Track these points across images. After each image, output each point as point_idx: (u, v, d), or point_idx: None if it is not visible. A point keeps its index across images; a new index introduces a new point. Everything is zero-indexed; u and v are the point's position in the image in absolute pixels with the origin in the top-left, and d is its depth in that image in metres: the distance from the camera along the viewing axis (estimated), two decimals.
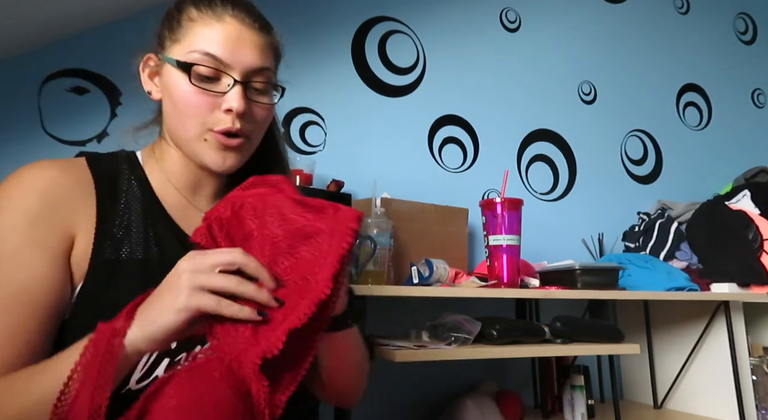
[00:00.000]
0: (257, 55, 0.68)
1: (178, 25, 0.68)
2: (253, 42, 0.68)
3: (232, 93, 0.65)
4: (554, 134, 2.13)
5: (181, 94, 0.65)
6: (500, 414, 1.49)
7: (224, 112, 0.66)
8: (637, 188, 2.28)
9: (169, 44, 0.68)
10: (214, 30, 0.65)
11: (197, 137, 0.67)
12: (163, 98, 0.69)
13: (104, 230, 0.63)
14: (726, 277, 1.76)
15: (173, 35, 0.68)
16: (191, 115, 0.66)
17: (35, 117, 1.35)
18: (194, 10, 0.67)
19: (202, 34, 0.65)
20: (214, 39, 0.65)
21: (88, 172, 0.67)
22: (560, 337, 1.37)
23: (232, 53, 0.65)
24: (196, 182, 0.73)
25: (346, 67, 1.79)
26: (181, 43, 0.66)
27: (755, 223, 1.89)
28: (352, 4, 1.82)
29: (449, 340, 1.23)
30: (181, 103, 0.66)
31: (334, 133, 1.73)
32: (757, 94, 2.71)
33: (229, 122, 0.66)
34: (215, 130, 0.66)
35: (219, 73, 0.65)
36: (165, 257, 0.65)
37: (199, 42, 0.65)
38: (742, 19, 2.75)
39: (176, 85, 0.66)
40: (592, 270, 1.50)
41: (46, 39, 1.36)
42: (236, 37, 0.66)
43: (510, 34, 2.11)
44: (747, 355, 1.69)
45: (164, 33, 0.69)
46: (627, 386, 1.98)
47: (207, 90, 0.65)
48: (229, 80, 0.66)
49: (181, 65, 0.65)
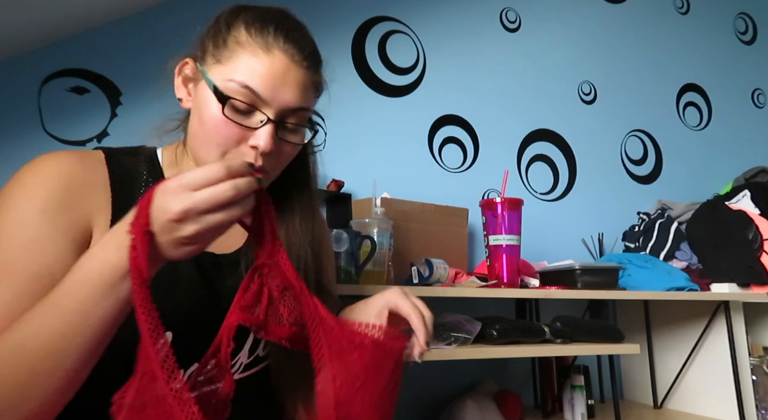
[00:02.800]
0: (298, 95, 0.64)
1: (224, 44, 0.64)
2: (297, 80, 0.64)
3: (262, 131, 0.62)
4: (554, 134, 2.13)
5: (211, 119, 0.62)
6: (500, 414, 1.50)
7: (250, 147, 0.63)
8: (637, 188, 2.28)
9: (211, 61, 0.65)
10: (260, 62, 0.62)
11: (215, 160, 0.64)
12: (192, 111, 0.67)
13: None
14: (726, 277, 1.76)
15: (217, 53, 0.64)
16: (216, 143, 0.63)
17: (35, 117, 1.35)
18: (244, 33, 0.64)
19: (246, 64, 0.62)
20: (257, 71, 0.62)
21: (105, 167, 0.66)
22: (560, 337, 1.37)
23: (273, 90, 0.62)
24: None
25: (346, 66, 1.79)
26: (223, 66, 0.63)
27: (755, 223, 1.89)
28: (352, 4, 1.82)
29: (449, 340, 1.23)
30: (208, 128, 0.63)
31: (334, 133, 1.73)
32: (757, 94, 2.71)
33: (252, 158, 0.63)
34: None
35: (254, 108, 0.62)
36: (174, 266, 0.64)
37: (241, 71, 0.62)
38: (742, 19, 2.75)
39: (208, 108, 0.63)
40: (592, 270, 1.50)
41: (46, 39, 1.36)
42: (281, 74, 0.63)
43: (510, 34, 2.11)
44: (747, 355, 1.69)
45: (208, 45, 0.66)
46: (627, 386, 1.99)
47: (238, 123, 0.62)
48: (263, 117, 0.62)
49: (217, 94, 0.62)
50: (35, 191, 0.59)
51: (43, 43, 1.36)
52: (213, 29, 0.66)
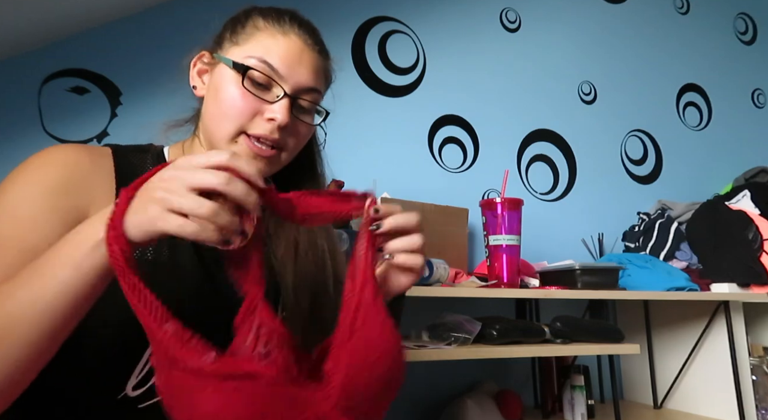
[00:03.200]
0: (312, 75, 0.68)
1: (242, 29, 0.68)
2: (311, 62, 0.68)
3: (279, 104, 0.65)
4: (554, 134, 2.13)
5: (229, 93, 0.65)
6: (500, 414, 1.50)
7: (266, 120, 0.65)
8: (637, 188, 2.28)
9: (228, 46, 0.68)
10: (277, 42, 0.67)
11: (228, 139, 0.66)
12: (207, 96, 0.69)
13: None
14: (726, 277, 1.76)
15: (235, 38, 0.68)
16: (232, 116, 0.65)
17: (35, 117, 1.35)
18: (261, 20, 0.68)
19: (264, 43, 0.66)
20: (274, 50, 0.66)
21: (111, 164, 0.67)
22: (560, 337, 1.37)
23: (290, 67, 0.66)
24: None
25: (346, 66, 1.79)
26: (240, 47, 0.67)
27: (755, 223, 1.89)
28: (352, 4, 1.82)
29: (449, 340, 1.23)
30: (226, 103, 0.65)
31: (334, 133, 1.73)
32: (757, 94, 2.71)
33: (267, 130, 0.65)
34: (249, 134, 0.65)
35: (271, 83, 0.66)
36: (175, 261, 0.65)
37: (260, 50, 0.66)
38: (742, 19, 2.75)
39: (226, 85, 0.66)
40: (592, 270, 1.50)
41: (46, 39, 1.36)
42: (297, 54, 0.67)
43: (510, 34, 2.11)
44: (747, 355, 1.69)
45: (225, 35, 0.70)
46: (627, 386, 1.99)
47: (256, 95, 0.65)
48: (279, 91, 0.66)
49: (237, 66, 0.65)
50: (40, 174, 0.60)
51: (43, 43, 1.36)
52: (230, 22, 0.70)
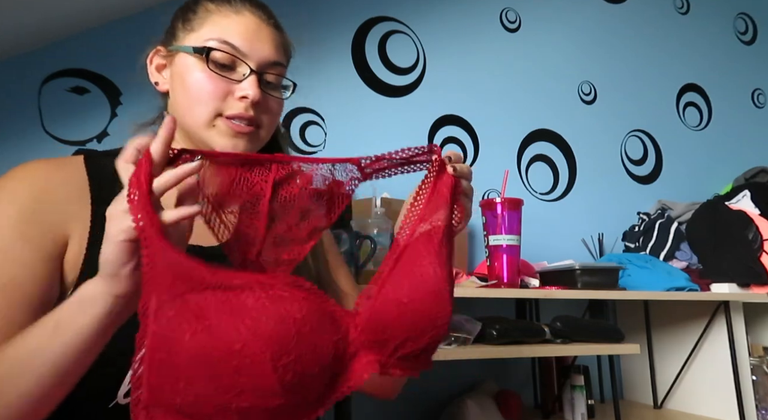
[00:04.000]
0: (273, 50, 0.69)
1: (194, 15, 0.68)
2: (270, 37, 0.69)
3: (247, 81, 0.66)
4: (554, 134, 2.13)
5: (196, 79, 0.65)
6: (500, 414, 1.49)
7: (238, 99, 0.66)
8: (637, 188, 2.28)
9: (183, 35, 0.68)
10: (233, 21, 0.67)
11: (206, 124, 0.66)
12: (172, 88, 0.69)
13: (97, 235, 0.60)
14: (726, 277, 1.76)
15: (188, 25, 0.68)
16: (203, 101, 0.65)
17: (35, 117, 1.35)
18: (211, 3, 0.68)
19: (220, 24, 0.66)
20: (232, 29, 0.66)
21: (84, 173, 0.66)
22: (560, 337, 1.37)
23: (250, 44, 0.66)
24: None
25: (346, 66, 1.79)
26: (197, 32, 0.67)
27: (755, 223, 1.89)
28: (352, 4, 1.82)
29: (449, 340, 1.23)
30: (194, 89, 0.66)
31: (334, 133, 1.73)
32: (757, 94, 2.71)
33: (242, 108, 0.66)
34: (226, 115, 0.66)
35: (235, 62, 0.66)
36: None
37: (217, 31, 0.66)
38: (742, 19, 2.75)
39: (191, 72, 0.66)
40: (592, 270, 1.50)
41: (46, 39, 1.36)
42: (254, 29, 0.67)
43: (510, 34, 2.11)
44: (747, 355, 1.69)
45: (177, 25, 0.70)
46: (627, 386, 1.98)
47: (223, 76, 0.65)
48: (245, 69, 0.66)
49: (198, 51, 0.65)
50: (7, 204, 0.59)
51: (43, 43, 1.36)
52: (180, 11, 0.71)
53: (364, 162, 0.55)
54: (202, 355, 0.40)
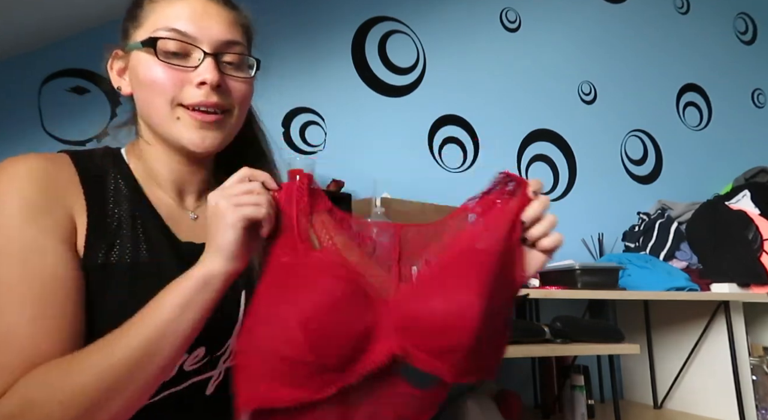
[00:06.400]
0: (225, 28, 0.65)
1: (140, 10, 0.66)
2: (220, 16, 0.65)
3: (203, 65, 0.63)
4: (554, 134, 2.13)
5: (149, 73, 0.63)
6: (500, 414, 1.49)
7: (197, 86, 0.63)
8: (637, 188, 2.28)
9: (133, 32, 0.66)
10: (178, 6, 0.64)
11: (169, 116, 0.64)
12: (134, 89, 0.67)
13: (95, 230, 0.61)
14: (726, 277, 1.75)
15: (135, 22, 0.66)
16: (161, 92, 0.63)
17: (35, 117, 1.35)
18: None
19: (165, 13, 0.64)
20: (178, 15, 0.63)
21: (73, 168, 0.64)
22: (560, 337, 1.37)
23: (199, 27, 0.63)
24: (181, 179, 0.70)
25: (346, 67, 1.79)
26: (144, 26, 0.65)
27: (755, 223, 1.89)
28: (352, 4, 1.82)
29: None
30: (149, 82, 0.63)
31: (334, 133, 1.73)
32: (757, 94, 2.71)
33: (203, 95, 0.63)
34: (187, 105, 0.63)
35: (187, 48, 0.63)
36: (154, 259, 0.63)
37: (162, 20, 0.63)
38: (742, 19, 2.75)
39: (144, 67, 0.64)
40: (592, 270, 1.50)
41: (46, 39, 1.36)
42: (201, 11, 0.64)
43: (510, 34, 2.11)
44: (747, 355, 1.69)
45: (127, 25, 0.67)
46: (627, 386, 1.98)
47: (176, 65, 0.63)
48: (199, 54, 0.63)
49: (146, 43, 0.63)
50: (13, 200, 0.57)
51: (43, 43, 1.36)
52: (127, 12, 0.68)
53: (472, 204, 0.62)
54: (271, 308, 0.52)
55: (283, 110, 1.70)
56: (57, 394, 0.50)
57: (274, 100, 1.69)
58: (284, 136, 1.68)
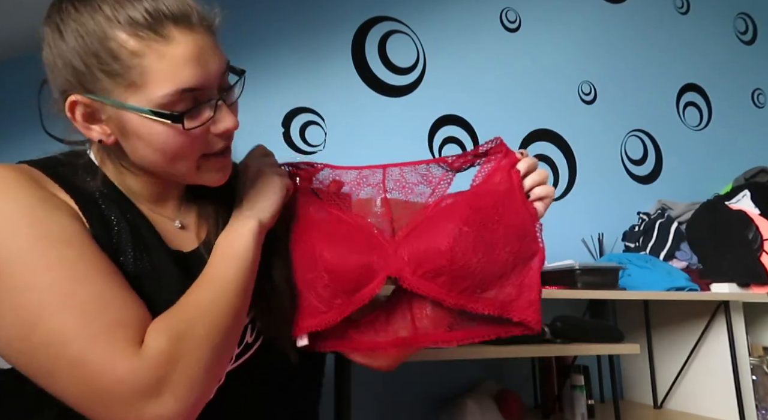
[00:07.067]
0: (218, 58, 0.60)
1: (116, 62, 0.55)
2: (209, 47, 0.59)
3: (222, 114, 0.60)
4: (554, 134, 2.13)
5: (173, 143, 0.58)
6: (500, 414, 1.49)
7: (220, 134, 0.61)
8: (637, 188, 2.28)
9: (114, 87, 0.56)
10: (173, 58, 0.55)
11: (194, 170, 0.62)
12: (130, 142, 0.60)
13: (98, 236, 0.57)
14: (726, 277, 1.75)
15: (119, 78, 0.55)
16: (187, 156, 0.60)
17: (35, 117, 1.35)
18: (131, 40, 0.55)
19: (164, 71, 0.55)
20: (179, 70, 0.55)
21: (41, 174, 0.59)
22: (560, 337, 1.37)
23: (202, 74, 0.57)
24: (161, 193, 0.68)
25: (346, 67, 1.79)
26: (139, 87, 0.55)
27: (755, 223, 1.89)
28: (352, 4, 1.82)
29: None
30: (173, 150, 0.59)
31: (334, 133, 1.73)
32: (757, 94, 2.71)
33: (225, 141, 0.62)
34: (211, 154, 0.62)
35: (199, 101, 0.59)
36: (156, 269, 0.61)
37: (164, 81, 0.55)
38: (742, 19, 2.75)
39: (159, 135, 0.57)
40: (592, 270, 1.50)
41: None
42: (195, 54, 0.57)
43: (510, 34, 2.11)
44: (747, 355, 1.69)
45: (93, 73, 0.56)
46: (627, 386, 1.99)
47: (201, 125, 0.59)
48: (210, 102, 0.59)
49: (169, 117, 0.56)
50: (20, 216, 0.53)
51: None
52: (87, 54, 0.56)
53: (452, 158, 0.76)
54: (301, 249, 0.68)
55: (283, 110, 1.70)
56: (196, 318, 0.55)
57: (274, 100, 1.69)
58: (284, 136, 1.68)
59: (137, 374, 0.49)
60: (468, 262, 0.62)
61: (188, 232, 0.69)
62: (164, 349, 0.51)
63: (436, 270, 0.63)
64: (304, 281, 0.67)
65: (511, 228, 0.65)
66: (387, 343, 0.68)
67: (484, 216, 0.64)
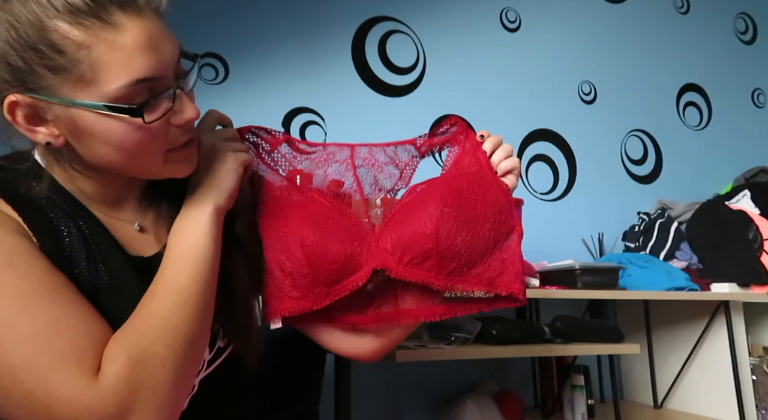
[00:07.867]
0: (171, 44, 0.55)
1: (60, 55, 0.49)
2: (161, 32, 0.54)
3: (182, 104, 0.56)
4: (554, 134, 2.13)
5: (131, 138, 0.53)
6: (500, 414, 1.50)
7: (182, 126, 0.57)
8: (637, 188, 2.28)
9: (59, 83, 0.50)
10: (125, 47, 0.50)
11: (159, 165, 0.58)
12: (80, 142, 0.55)
13: (48, 252, 0.53)
14: (726, 277, 1.75)
15: (64, 74, 0.50)
16: (151, 152, 0.56)
17: None
18: (75, 30, 0.49)
19: (116, 62, 0.50)
20: (132, 58, 0.51)
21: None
22: (560, 337, 1.37)
23: (157, 61, 0.52)
24: (118, 194, 0.63)
25: (346, 66, 1.79)
26: (89, 81, 0.50)
27: (755, 223, 1.89)
28: (352, 4, 1.82)
29: (449, 339, 1.23)
30: (133, 147, 0.54)
31: (334, 133, 1.73)
32: (757, 94, 2.71)
33: (188, 131, 0.58)
34: (175, 147, 0.58)
35: (157, 90, 0.54)
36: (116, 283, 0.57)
37: (117, 72, 0.50)
38: (742, 19, 2.75)
39: (117, 131, 0.53)
40: (592, 270, 1.50)
41: None
42: (148, 40, 0.52)
43: (510, 34, 2.11)
44: (747, 355, 1.69)
45: (33, 69, 0.50)
46: (627, 386, 1.99)
47: (160, 117, 0.54)
48: (168, 90, 0.54)
49: (127, 111, 0.51)
50: None
51: None
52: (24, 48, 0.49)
53: (420, 141, 0.76)
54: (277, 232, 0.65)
55: (283, 110, 1.70)
56: (153, 337, 0.50)
57: (274, 99, 1.69)
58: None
59: (97, 406, 0.46)
60: (453, 241, 0.63)
61: (148, 234, 0.64)
62: (121, 376, 0.47)
63: (422, 254, 0.63)
64: (277, 263, 0.64)
65: (489, 204, 0.67)
66: (369, 318, 0.67)
67: (462, 195, 0.65)
